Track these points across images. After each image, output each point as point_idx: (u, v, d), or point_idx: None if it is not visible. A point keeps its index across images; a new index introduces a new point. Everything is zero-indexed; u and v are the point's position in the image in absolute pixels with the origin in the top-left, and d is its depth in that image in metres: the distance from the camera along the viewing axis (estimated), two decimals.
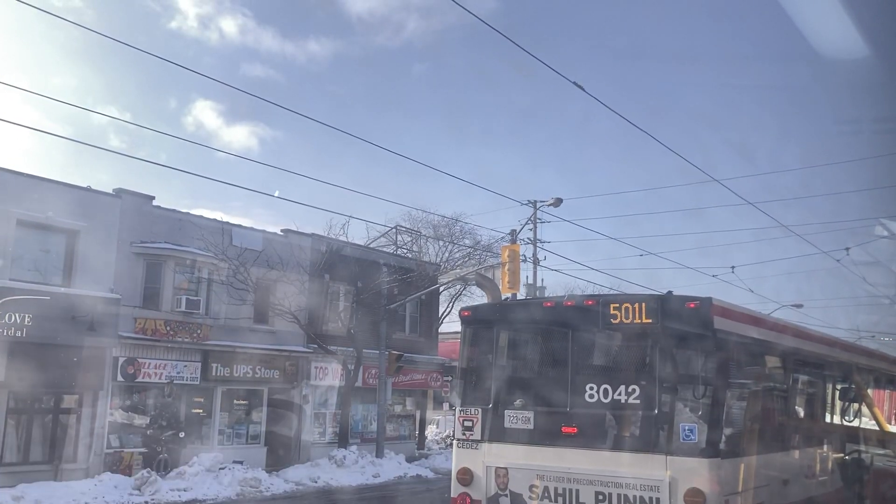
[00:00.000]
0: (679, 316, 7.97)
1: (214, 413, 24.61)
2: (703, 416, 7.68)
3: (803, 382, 10.29)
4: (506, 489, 8.72)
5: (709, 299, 8.02)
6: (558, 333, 8.79)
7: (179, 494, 18.81)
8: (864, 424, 12.27)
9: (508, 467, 8.75)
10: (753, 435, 8.63)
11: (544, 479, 8.50)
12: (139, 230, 23.01)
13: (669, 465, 7.78)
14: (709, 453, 7.64)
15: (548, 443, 8.54)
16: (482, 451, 8.99)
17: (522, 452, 8.71)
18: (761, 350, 8.94)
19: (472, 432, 9.11)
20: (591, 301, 8.61)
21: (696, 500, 7.57)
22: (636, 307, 8.17)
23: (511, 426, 8.80)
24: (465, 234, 35.56)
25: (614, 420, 8.23)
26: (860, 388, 12.07)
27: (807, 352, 9.98)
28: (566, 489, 8.35)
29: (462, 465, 9.09)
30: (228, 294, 23.88)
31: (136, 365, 22.35)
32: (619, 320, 8.25)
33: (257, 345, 25.59)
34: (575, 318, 8.63)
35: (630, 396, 8.18)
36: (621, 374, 8.41)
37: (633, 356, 8.52)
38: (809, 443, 10.05)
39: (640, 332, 8.19)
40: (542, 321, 8.94)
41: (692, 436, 7.70)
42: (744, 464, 8.16)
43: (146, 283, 23.18)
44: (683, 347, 8.01)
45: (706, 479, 7.60)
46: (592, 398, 8.38)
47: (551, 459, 8.49)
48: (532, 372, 9.01)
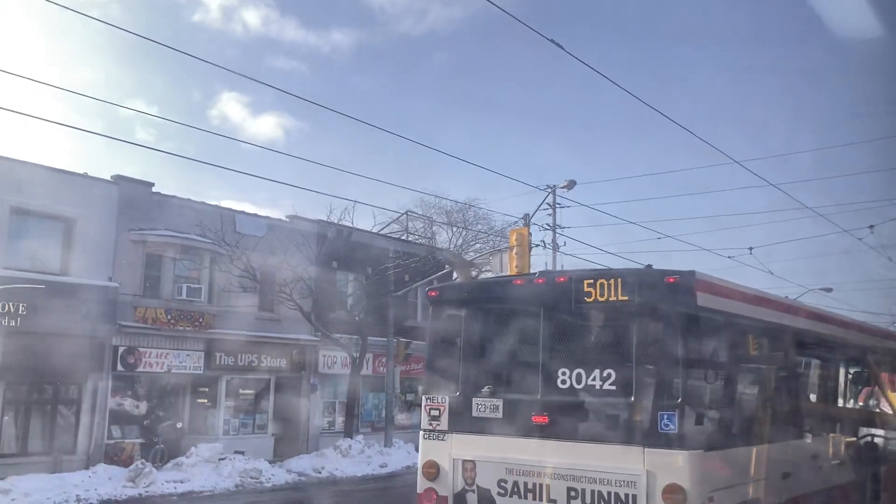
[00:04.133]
0: (658, 292, 7.14)
1: (219, 403, 24.19)
2: (684, 403, 6.85)
3: (803, 364, 9.31)
4: (473, 484, 7.99)
5: (691, 273, 7.18)
6: (530, 314, 8.01)
7: (175, 486, 18.37)
8: (878, 409, 11.31)
9: (476, 460, 8.02)
10: (744, 424, 7.78)
11: (513, 473, 7.74)
12: (138, 217, 22.56)
13: (647, 458, 6.98)
14: (690, 445, 6.82)
15: (517, 433, 7.79)
16: (449, 442, 8.27)
17: (491, 444, 7.96)
18: (752, 329, 8.05)
19: (439, 422, 8.38)
20: (563, 278, 7.81)
21: (675, 498, 6.76)
22: (611, 283, 7.36)
23: (479, 415, 8.06)
24: (478, 219, 34.77)
25: (588, 408, 7.44)
26: (871, 370, 11.09)
27: (806, 331, 9.03)
28: (536, 484, 7.59)
29: (428, 458, 8.37)
30: (230, 282, 23.34)
31: (137, 354, 21.98)
32: (593, 298, 7.45)
33: (263, 333, 25.13)
34: (547, 296, 7.84)
35: (605, 382, 7.38)
36: (596, 357, 7.61)
37: (608, 338, 7.71)
38: (815, 431, 9.11)
39: (616, 310, 7.37)
40: (512, 301, 8.16)
41: (671, 425, 6.87)
42: (732, 456, 7.33)
43: (146, 272, 22.78)
44: (663, 327, 7.17)
45: (687, 474, 6.79)
46: (565, 384, 7.59)
47: (521, 452, 7.73)
48: (502, 356, 8.24)
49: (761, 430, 8.03)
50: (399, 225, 31.98)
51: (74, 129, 25.95)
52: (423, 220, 33.15)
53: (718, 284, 7.50)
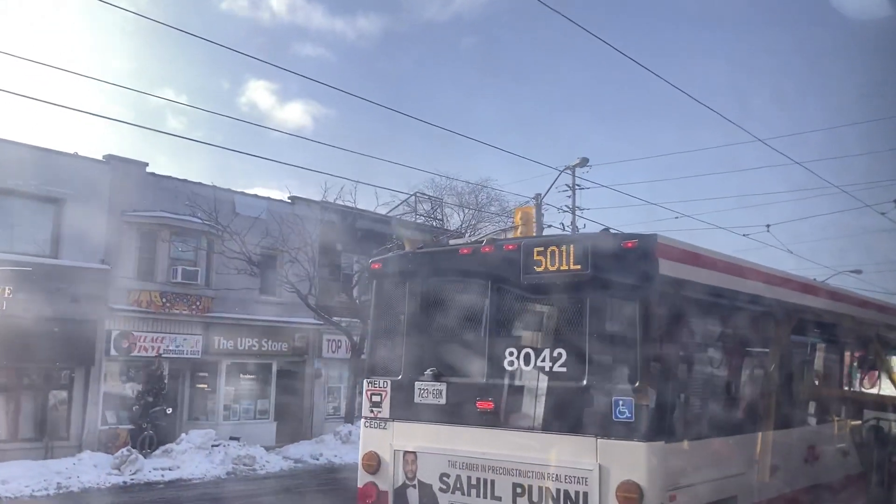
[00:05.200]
0: (614, 259, 6.17)
1: (219, 388, 23.64)
2: (642, 387, 5.89)
3: (789, 343, 8.20)
4: (414, 479, 7.12)
5: (653, 237, 6.20)
6: (477, 287, 7.09)
7: (163, 474, 17.78)
8: (883, 392, 10.17)
9: (417, 452, 7.14)
10: (716, 411, 6.78)
11: (456, 467, 6.86)
12: (132, 198, 21.96)
13: (600, 451, 6.05)
14: (648, 435, 5.87)
15: (461, 422, 6.90)
16: (390, 431, 7.40)
17: (433, 434, 7.08)
18: (726, 302, 6.99)
19: (380, 409, 7.52)
20: (512, 245, 6.87)
21: (629, 497, 5.83)
22: (563, 251, 6.40)
23: (421, 401, 7.18)
24: (491, 200, 33.68)
25: (537, 393, 6.51)
26: (873, 348, 9.94)
27: (792, 304, 7.94)
28: (480, 479, 6.70)
29: (368, 449, 7.53)
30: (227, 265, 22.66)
31: (131, 339, 21.46)
32: (543, 267, 6.50)
33: (264, 317, 24.50)
34: (495, 267, 6.91)
35: (556, 363, 6.45)
36: (546, 335, 6.68)
37: (560, 313, 6.75)
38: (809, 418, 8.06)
39: (569, 281, 6.42)
40: (458, 272, 7.24)
41: (627, 413, 5.93)
42: (700, 448, 6.34)
43: (140, 254, 22.21)
44: (620, 300, 6.20)
45: (644, 469, 5.84)
46: (512, 366, 6.68)
47: (465, 442, 6.84)
48: (446, 335, 7.33)
49: (738, 418, 7.04)
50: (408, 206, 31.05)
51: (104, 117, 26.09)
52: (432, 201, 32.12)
53: (686, 250, 6.49)
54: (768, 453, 7.28)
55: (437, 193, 34.04)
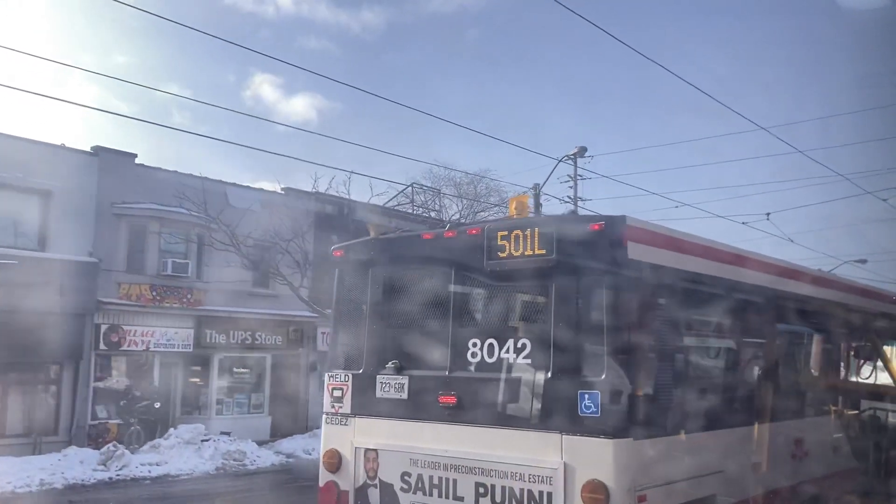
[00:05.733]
0: (580, 243, 5.76)
1: (211, 382, 23.38)
2: (610, 379, 5.48)
3: (771, 331, 7.71)
4: (375, 478, 6.74)
5: (621, 218, 5.78)
6: (440, 274, 6.69)
7: (150, 469, 17.47)
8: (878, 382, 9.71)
9: (378, 449, 6.76)
10: (691, 405, 6.35)
11: (418, 465, 6.47)
12: (121, 190, 21.63)
13: (565, 448, 5.65)
14: (615, 431, 5.46)
15: (424, 417, 6.51)
16: (351, 428, 7.02)
17: (395, 430, 6.70)
18: (702, 288, 6.55)
19: (342, 404, 7.14)
20: (475, 230, 6.46)
21: (595, 497, 5.43)
22: (528, 235, 5.99)
23: (383, 396, 6.78)
24: (490, 191, 33.29)
25: (501, 386, 6.11)
26: (863, 336, 9.48)
27: (774, 290, 7.46)
28: (442, 479, 6.31)
29: (329, 447, 7.14)
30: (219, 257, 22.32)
31: (121, 332, 21.19)
32: (507, 253, 6.09)
33: (257, 310, 24.17)
34: (459, 253, 6.50)
35: (520, 354, 6.05)
36: (510, 325, 6.28)
37: (525, 301, 6.35)
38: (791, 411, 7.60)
39: (534, 267, 6.00)
40: (421, 259, 6.84)
41: (593, 407, 5.52)
42: (673, 445, 5.93)
43: (130, 246, 21.90)
44: (586, 287, 5.77)
45: (610, 468, 5.44)
46: (475, 357, 6.28)
47: (427, 439, 6.45)
48: (409, 326, 6.93)
49: (716, 412, 6.61)
50: (405, 197, 30.67)
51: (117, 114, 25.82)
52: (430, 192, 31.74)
53: (657, 233, 6.06)
54: (750, 449, 6.87)
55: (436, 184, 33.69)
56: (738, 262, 6.91)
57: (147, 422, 19.57)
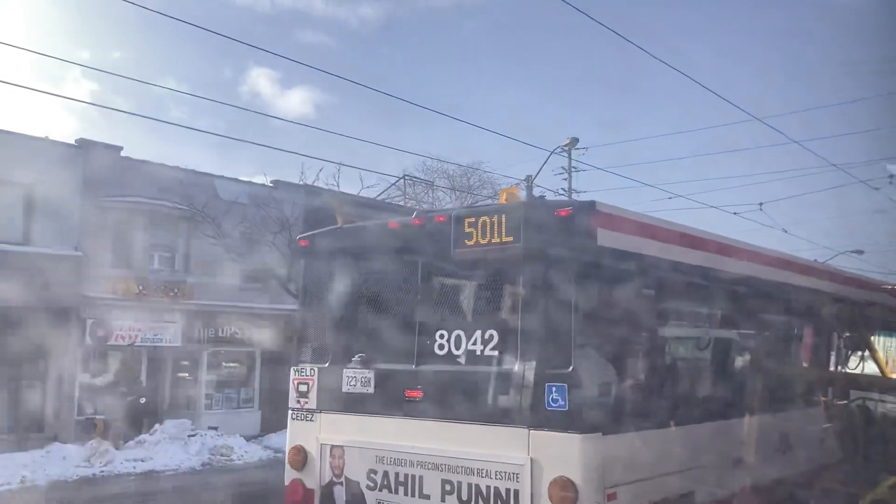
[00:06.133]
0: (547, 230, 5.51)
1: (200, 377, 23.14)
2: (578, 371, 5.24)
3: (755, 321, 7.48)
4: (341, 475, 6.51)
5: (590, 203, 5.54)
6: (407, 264, 6.45)
7: (135, 465, 17.29)
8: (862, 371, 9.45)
9: (344, 446, 6.52)
10: (664, 397, 6.11)
11: (384, 462, 6.24)
12: (108, 183, 21.32)
13: (532, 444, 5.41)
14: (583, 426, 5.22)
15: (390, 412, 6.27)
16: (317, 424, 6.78)
17: (361, 426, 6.46)
18: (677, 277, 6.30)
19: (307, 399, 6.90)
20: (442, 217, 6.21)
21: (563, 495, 5.19)
22: (495, 221, 5.74)
23: (349, 390, 6.55)
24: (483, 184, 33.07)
25: (468, 380, 5.87)
26: (849, 326, 9.21)
27: (756, 279, 7.20)
28: (409, 476, 6.08)
29: (295, 443, 6.91)
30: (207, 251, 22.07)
31: (108, 327, 20.89)
32: (474, 241, 5.85)
33: (247, 304, 23.90)
34: (426, 241, 6.26)
35: (487, 346, 5.82)
36: (478, 315, 6.05)
37: (492, 290, 6.11)
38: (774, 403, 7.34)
39: (501, 255, 5.76)
40: (388, 248, 6.59)
41: (560, 401, 5.28)
42: (645, 440, 5.68)
43: (116, 240, 21.63)
44: (554, 275, 5.53)
45: (578, 464, 5.20)
46: (443, 349, 6.05)
47: (393, 435, 6.22)
48: (376, 318, 6.70)
49: (693, 405, 6.37)
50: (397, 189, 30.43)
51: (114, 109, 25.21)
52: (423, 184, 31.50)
53: (628, 219, 5.81)
54: (731, 443, 6.63)
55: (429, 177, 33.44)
56: (715, 250, 6.66)
57: (133, 417, 19.34)
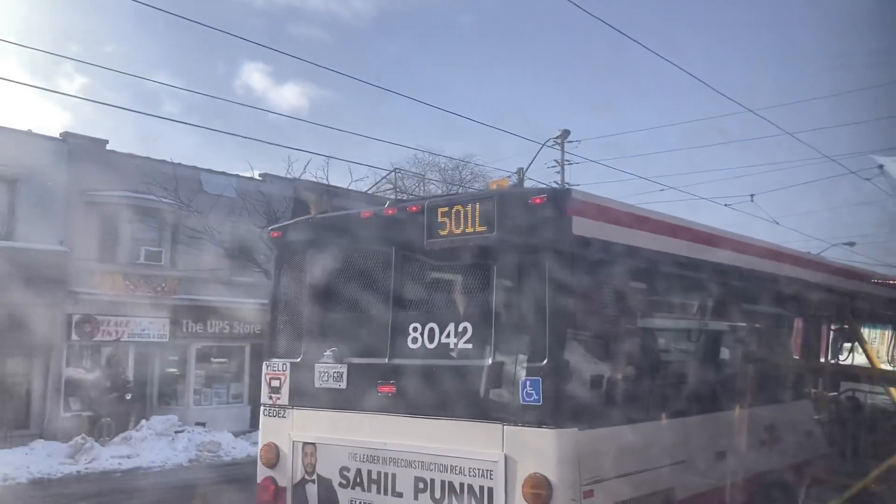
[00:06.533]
0: (522, 219, 5.32)
1: (188, 372, 22.97)
2: (553, 365, 5.06)
3: (738, 311, 7.30)
4: (313, 473, 6.32)
5: (565, 191, 5.39)
6: (381, 255, 6.26)
7: (120, 462, 17.06)
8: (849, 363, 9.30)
9: (317, 443, 6.34)
10: (642, 391, 5.94)
11: (357, 459, 6.06)
12: (93, 178, 21.05)
13: (507, 440, 5.23)
14: (558, 421, 5.04)
15: (363, 408, 6.09)
16: (289, 420, 6.60)
17: (334, 422, 6.28)
18: (657, 266, 6.12)
19: (279, 395, 6.72)
20: (416, 207, 6.02)
21: (537, 493, 5.02)
22: (468, 211, 5.55)
23: (322, 385, 6.36)
24: (476, 177, 32.86)
25: (442, 374, 5.68)
26: (836, 317, 9.06)
27: (740, 268, 7.00)
28: (381, 473, 5.90)
29: (267, 441, 6.73)
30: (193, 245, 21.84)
31: (94, 323, 20.70)
32: (448, 231, 5.65)
33: (235, 298, 23.68)
34: (399, 232, 6.06)
35: (461, 339, 5.63)
36: (452, 308, 5.87)
37: (466, 281, 5.93)
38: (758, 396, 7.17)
39: (475, 246, 5.57)
40: (361, 239, 6.40)
41: (535, 395, 5.10)
42: (622, 435, 5.51)
43: (102, 235, 21.41)
44: (528, 266, 5.34)
45: (553, 461, 5.03)
46: (416, 343, 5.86)
47: (366, 432, 6.04)
48: (348, 310, 6.51)
49: (673, 399, 6.19)
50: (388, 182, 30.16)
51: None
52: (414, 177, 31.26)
53: (606, 207, 5.62)
54: (714, 437, 6.46)
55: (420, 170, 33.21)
56: (696, 239, 6.47)
57: (118, 414, 19.13)
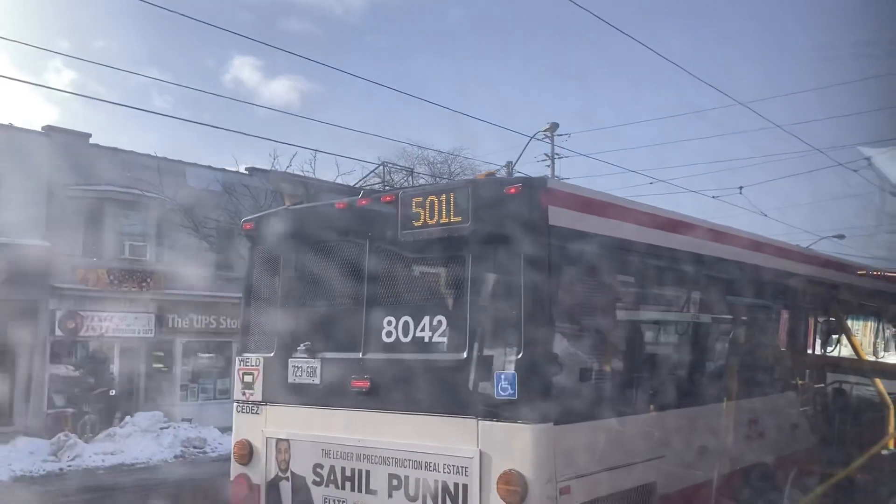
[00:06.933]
0: (496, 209, 5.18)
1: (175, 368, 22.76)
2: (528, 358, 4.93)
3: (719, 302, 7.20)
4: (287, 470, 6.19)
5: (541, 180, 5.23)
6: (354, 247, 6.12)
7: (104, 459, 16.90)
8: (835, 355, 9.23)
9: (290, 439, 6.20)
10: (621, 384, 5.82)
11: (330, 456, 5.93)
12: (76, 172, 20.81)
13: (481, 436, 5.11)
14: (534, 416, 4.91)
15: (337, 404, 5.96)
16: (263, 416, 6.46)
17: (307, 418, 6.15)
18: (635, 258, 5.99)
19: (253, 391, 6.58)
20: (389, 197, 5.88)
21: (511, 490, 4.89)
22: (443, 201, 5.41)
23: (295, 381, 6.22)
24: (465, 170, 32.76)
25: (416, 368, 5.55)
26: (819, 309, 8.99)
27: (721, 260, 6.88)
28: (355, 470, 5.77)
29: (240, 437, 6.59)
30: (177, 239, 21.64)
31: (78, 318, 20.48)
32: (422, 222, 5.51)
33: (221, 293, 23.48)
34: (373, 223, 5.93)
35: (435, 332, 5.50)
36: (427, 301, 5.73)
37: (441, 274, 5.81)
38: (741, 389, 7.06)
39: (449, 237, 5.43)
40: (335, 230, 6.26)
41: (510, 389, 4.97)
42: (600, 429, 5.39)
43: (86, 230, 21.18)
44: (503, 257, 5.21)
45: (528, 457, 4.90)
46: (390, 337, 5.72)
47: (340, 428, 5.91)
48: (323, 304, 6.38)
49: (653, 392, 6.08)
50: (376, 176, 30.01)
51: None
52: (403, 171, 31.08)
53: (583, 197, 5.49)
54: (695, 430, 6.35)
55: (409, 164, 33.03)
56: (676, 229, 6.35)
57: (103, 410, 18.95)
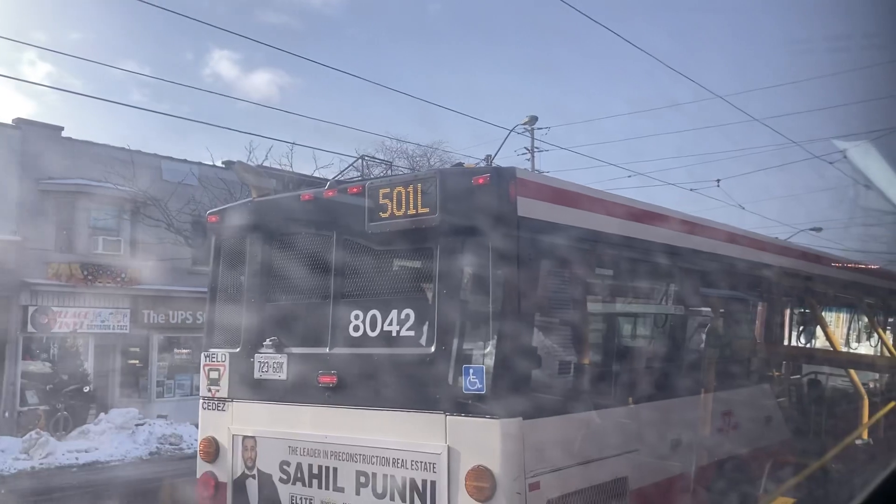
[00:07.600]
0: (466, 200, 5.07)
1: (151, 363, 22.49)
2: (497, 351, 4.83)
3: (693, 295, 7.13)
4: (254, 468, 6.06)
5: (509, 170, 5.11)
6: (321, 239, 5.99)
7: (77, 457, 16.62)
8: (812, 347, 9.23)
9: (257, 436, 6.07)
10: (592, 378, 5.73)
11: (297, 453, 5.80)
12: (48, 165, 20.45)
13: (450, 431, 5.00)
14: (502, 411, 4.82)
15: (303, 400, 5.83)
16: (229, 413, 6.32)
17: (274, 415, 6.02)
18: (607, 249, 5.90)
19: (218, 387, 6.43)
20: (356, 188, 5.74)
21: (480, 486, 4.80)
22: (410, 192, 5.29)
23: (261, 377, 6.09)
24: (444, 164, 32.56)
25: (383, 363, 5.43)
26: (796, 301, 8.98)
27: (696, 251, 6.80)
28: (322, 467, 5.65)
29: (206, 435, 6.45)
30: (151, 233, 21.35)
31: (51, 314, 20.15)
32: (389, 213, 5.39)
33: (196, 287, 23.19)
34: (340, 214, 5.80)
35: (403, 326, 5.38)
36: (395, 294, 5.61)
37: (408, 267, 5.70)
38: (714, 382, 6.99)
39: (417, 228, 5.31)
40: (301, 223, 6.12)
41: (478, 383, 4.87)
42: (571, 424, 5.30)
43: (58, 224, 20.84)
44: (470, 248, 5.10)
45: (497, 452, 4.80)
46: (358, 331, 5.60)
47: (307, 424, 5.78)
48: (289, 298, 6.25)
49: (625, 386, 6.00)
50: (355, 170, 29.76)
51: None
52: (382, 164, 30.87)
53: (552, 187, 5.38)
54: (668, 424, 6.29)
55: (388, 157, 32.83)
56: (650, 221, 6.26)
57: (77, 407, 18.66)
